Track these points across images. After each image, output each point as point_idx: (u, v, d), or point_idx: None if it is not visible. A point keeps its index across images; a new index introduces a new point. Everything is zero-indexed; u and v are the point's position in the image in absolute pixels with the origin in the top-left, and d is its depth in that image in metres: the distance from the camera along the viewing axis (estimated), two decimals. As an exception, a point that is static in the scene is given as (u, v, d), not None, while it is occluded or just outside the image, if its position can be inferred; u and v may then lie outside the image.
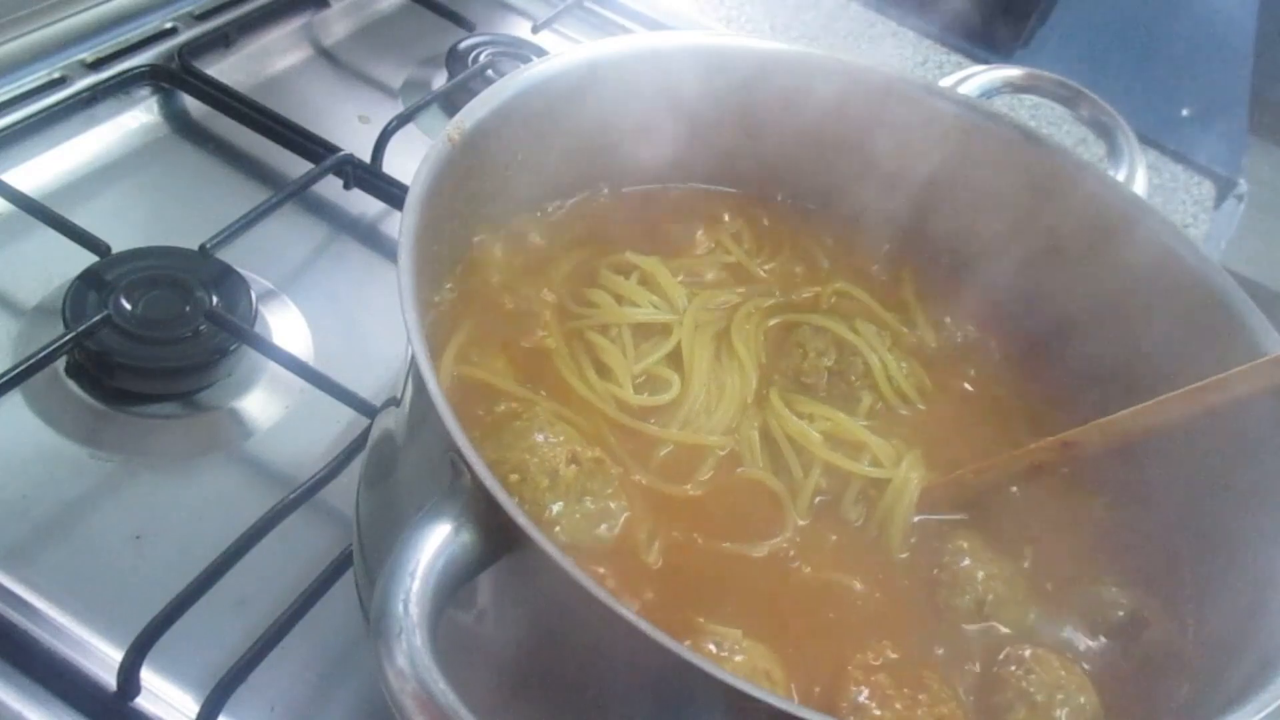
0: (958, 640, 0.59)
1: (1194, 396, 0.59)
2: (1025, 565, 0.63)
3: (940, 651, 0.59)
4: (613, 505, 0.58)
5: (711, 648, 0.53)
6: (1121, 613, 0.62)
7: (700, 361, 0.67)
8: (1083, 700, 0.56)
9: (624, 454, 0.62)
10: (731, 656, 0.53)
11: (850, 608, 0.60)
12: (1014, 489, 0.65)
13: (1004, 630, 0.60)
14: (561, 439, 0.58)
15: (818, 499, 0.64)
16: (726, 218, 0.78)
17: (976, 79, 0.82)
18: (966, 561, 0.61)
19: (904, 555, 0.63)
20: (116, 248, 0.81)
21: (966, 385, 0.73)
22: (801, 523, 0.62)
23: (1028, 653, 0.58)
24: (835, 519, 0.64)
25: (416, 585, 0.44)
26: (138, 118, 0.97)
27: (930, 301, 0.77)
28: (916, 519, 0.64)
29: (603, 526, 0.57)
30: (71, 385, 0.76)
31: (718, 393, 0.67)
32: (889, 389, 0.69)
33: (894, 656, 0.56)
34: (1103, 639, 0.61)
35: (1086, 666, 0.60)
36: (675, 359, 0.68)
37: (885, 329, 0.73)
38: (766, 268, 0.76)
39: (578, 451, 0.57)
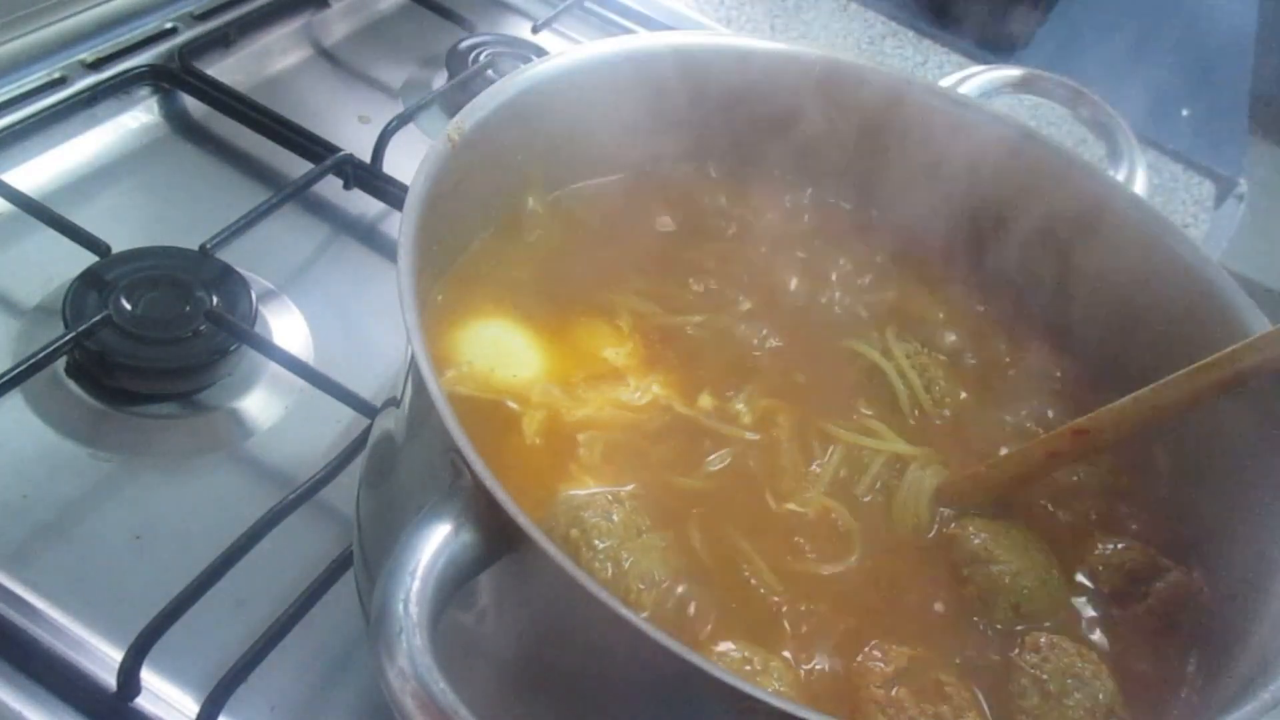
0: (979, 638, 0.59)
1: (1200, 374, 0.60)
2: (1043, 546, 0.64)
3: (962, 652, 0.59)
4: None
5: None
6: (1136, 564, 0.63)
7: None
8: (1097, 687, 0.56)
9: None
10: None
11: (867, 608, 0.60)
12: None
13: (1030, 621, 0.60)
14: None
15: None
16: (717, 218, 0.78)
17: (976, 79, 0.82)
18: (994, 567, 0.61)
19: (927, 538, 0.63)
20: (116, 248, 0.81)
21: (985, 396, 0.73)
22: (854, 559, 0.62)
23: (1044, 639, 0.58)
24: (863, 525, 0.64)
25: (417, 585, 0.44)
26: (138, 118, 0.97)
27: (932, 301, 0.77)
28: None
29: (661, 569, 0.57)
30: (71, 385, 0.76)
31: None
32: (911, 410, 0.69)
33: (912, 661, 0.56)
34: (1118, 591, 0.62)
35: (1099, 638, 0.60)
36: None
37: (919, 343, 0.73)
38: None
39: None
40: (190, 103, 0.99)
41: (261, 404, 0.80)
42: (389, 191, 0.95)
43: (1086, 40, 1.38)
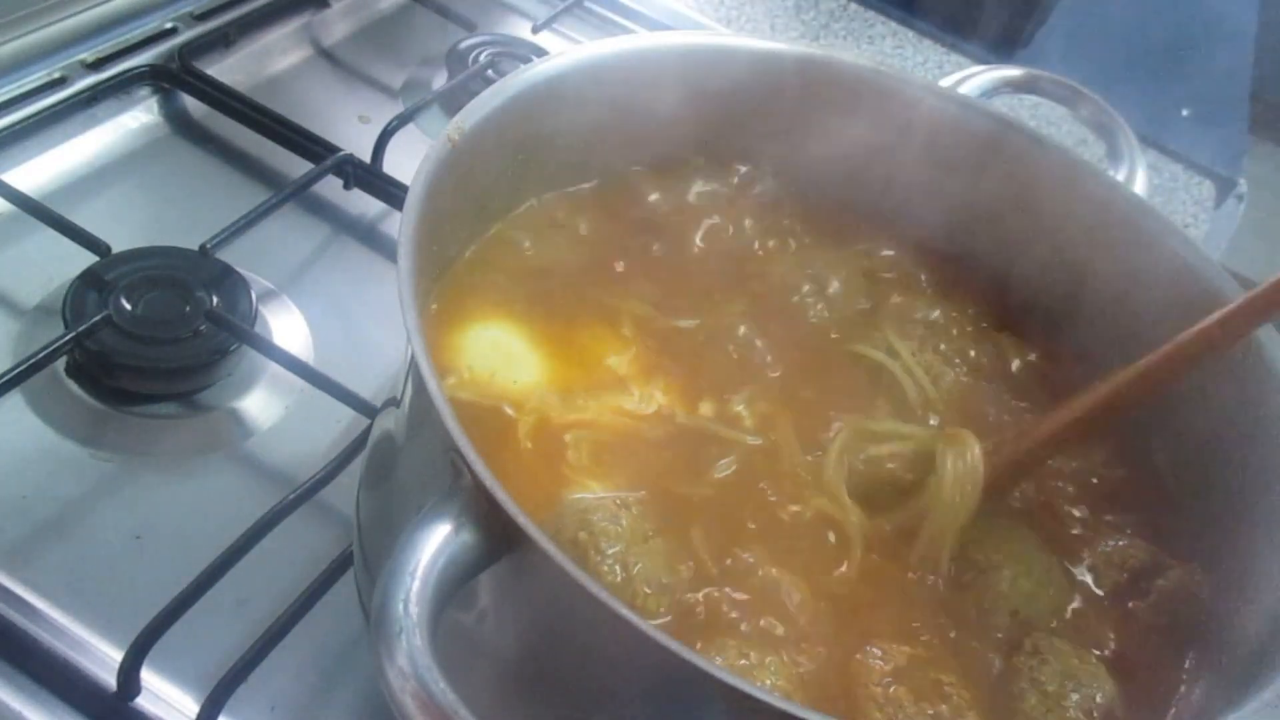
0: (979, 639, 0.59)
1: (1207, 330, 0.60)
2: (1043, 546, 0.64)
3: (962, 653, 0.58)
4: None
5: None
6: (1138, 561, 0.63)
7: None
8: (1096, 688, 0.56)
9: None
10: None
11: (868, 607, 0.60)
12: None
13: (1030, 624, 0.60)
14: None
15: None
16: (718, 219, 0.78)
17: (976, 79, 0.82)
18: (992, 574, 0.60)
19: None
20: (116, 248, 0.81)
21: (987, 393, 0.73)
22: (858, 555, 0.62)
23: (1042, 641, 0.58)
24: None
25: (417, 585, 0.44)
26: (138, 118, 0.97)
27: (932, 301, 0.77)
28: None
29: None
30: (71, 385, 0.76)
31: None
32: (920, 407, 0.69)
33: (911, 660, 0.56)
34: (1118, 587, 0.62)
35: (1100, 637, 0.60)
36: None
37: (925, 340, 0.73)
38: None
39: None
40: (190, 103, 0.99)
41: (261, 404, 0.80)
42: (389, 191, 0.95)
43: (1086, 40, 1.38)
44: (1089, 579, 0.63)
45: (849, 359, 0.71)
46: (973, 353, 0.74)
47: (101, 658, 0.63)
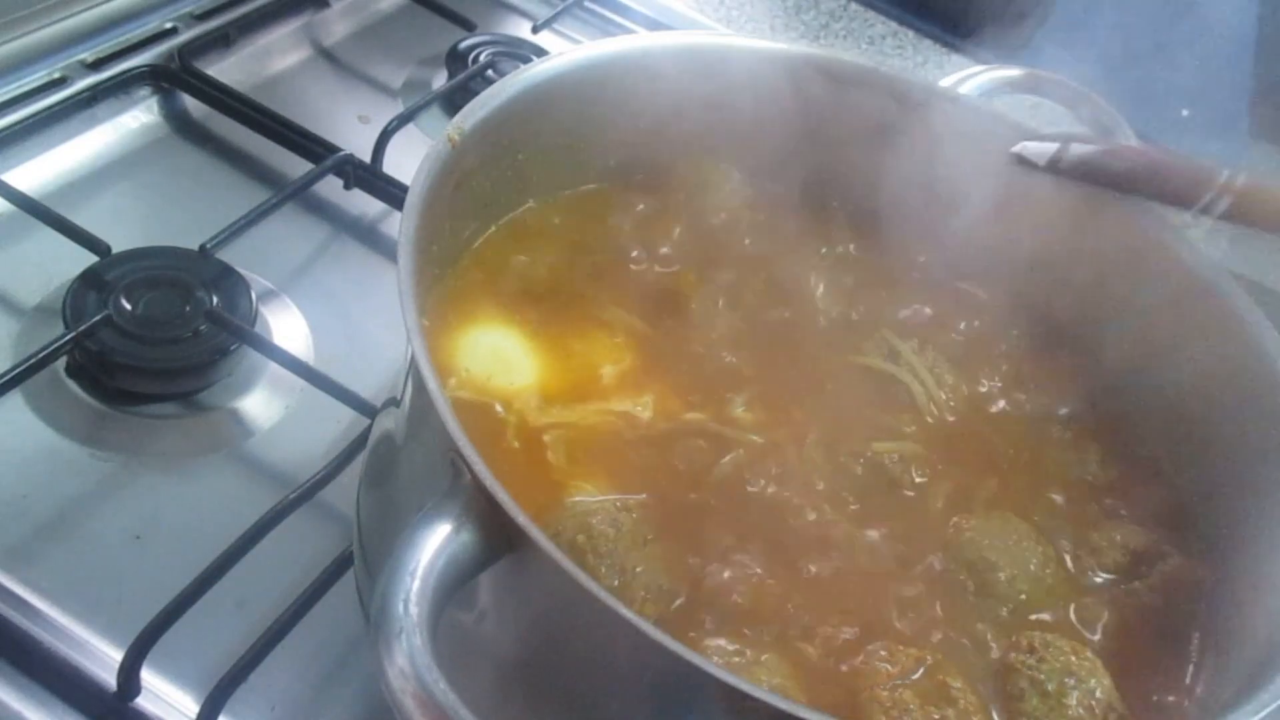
0: (982, 640, 0.59)
1: None
2: (1041, 538, 0.64)
3: (966, 655, 0.58)
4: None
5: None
6: (1138, 545, 0.63)
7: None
8: (1094, 684, 0.56)
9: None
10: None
11: (873, 609, 0.60)
12: None
13: (1028, 618, 0.60)
14: None
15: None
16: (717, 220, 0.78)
17: (976, 79, 0.82)
18: (988, 575, 0.61)
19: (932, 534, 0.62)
20: (116, 248, 0.81)
21: (990, 390, 0.73)
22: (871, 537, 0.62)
23: (1038, 639, 0.58)
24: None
25: (417, 585, 0.44)
26: (138, 118, 0.97)
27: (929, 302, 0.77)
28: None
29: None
30: (71, 385, 0.76)
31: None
32: (928, 407, 0.69)
33: (917, 663, 0.56)
34: (1118, 575, 0.63)
35: (1099, 628, 0.60)
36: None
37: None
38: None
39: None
40: (190, 103, 0.99)
41: (261, 404, 0.80)
42: (389, 191, 0.95)
43: (1087, 40, 1.38)
44: (1092, 559, 0.63)
45: (849, 361, 0.71)
46: (969, 353, 0.74)
47: (101, 658, 0.63)
